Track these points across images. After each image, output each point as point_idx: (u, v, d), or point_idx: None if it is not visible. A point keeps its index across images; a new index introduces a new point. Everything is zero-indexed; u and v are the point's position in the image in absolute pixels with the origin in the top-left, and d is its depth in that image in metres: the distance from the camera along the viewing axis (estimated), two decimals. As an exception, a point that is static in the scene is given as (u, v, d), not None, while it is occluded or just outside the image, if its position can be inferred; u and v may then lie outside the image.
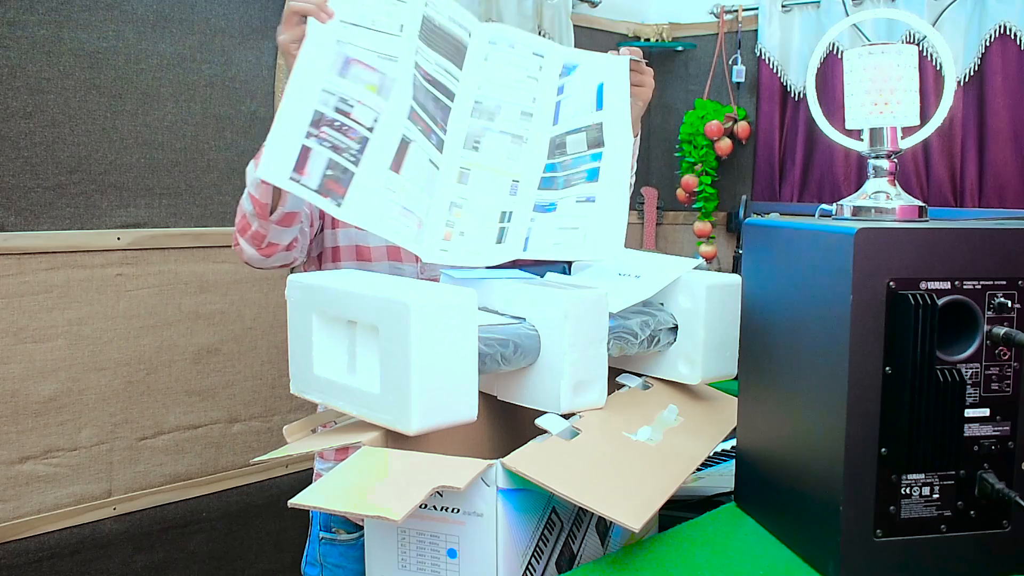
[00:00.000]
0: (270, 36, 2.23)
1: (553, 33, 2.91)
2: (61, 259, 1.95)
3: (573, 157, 1.18)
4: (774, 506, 0.97)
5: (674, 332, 1.17)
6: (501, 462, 0.87)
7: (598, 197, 1.13)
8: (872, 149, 0.98)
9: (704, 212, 3.16)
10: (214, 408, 2.22)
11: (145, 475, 2.11)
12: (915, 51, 0.97)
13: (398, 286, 0.94)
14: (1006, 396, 0.85)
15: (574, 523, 0.98)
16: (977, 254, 0.83)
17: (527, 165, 1.20)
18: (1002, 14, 2.55)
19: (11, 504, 1.91)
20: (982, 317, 0.83)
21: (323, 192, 1.01)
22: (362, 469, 0.86)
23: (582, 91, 1.24)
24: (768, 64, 2.99)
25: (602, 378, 1.04)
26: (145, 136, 2.05)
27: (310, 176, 1.01)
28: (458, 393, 0.91)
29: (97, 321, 2.01)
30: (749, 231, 1.01)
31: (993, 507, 0.85)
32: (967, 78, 2.63)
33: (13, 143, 1.87)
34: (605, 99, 1.21)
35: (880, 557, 0.83)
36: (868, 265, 0.81)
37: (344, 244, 1.43)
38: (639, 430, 1.03)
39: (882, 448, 0.82)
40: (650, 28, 3.24)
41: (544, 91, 1.25)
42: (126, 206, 2.04)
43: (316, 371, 0.99)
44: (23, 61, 1.86)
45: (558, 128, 1.22)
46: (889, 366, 0.81)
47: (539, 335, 1.02)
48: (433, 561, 0.90)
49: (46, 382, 1.94)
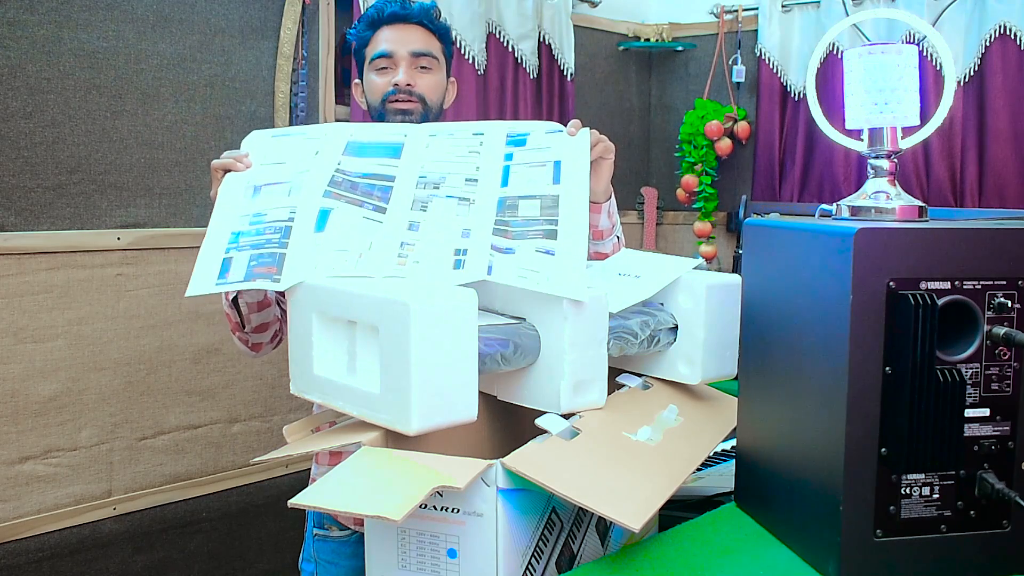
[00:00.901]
0: (270, 36, 2.23)
1: (553, 33, 2.91)
2: (61, 259, 1.95)
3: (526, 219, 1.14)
4: (774, 506, 0.97)
5: (674, 332, 1.17)
6: (501, 462, 0.87)
7: (557, 252, 1.08)
8: (872, 149, 0.98)
9: (704, 212, 3.16)
10: (214, 408, 2.22)
11: (145, 475, 2.11)
12: (915, 51, 0.97)
13: (398, 286, 0.94)
14: (1006, 396, 0.85)
15: (574, 523, 0.98)
16: (977, 254, 0.83)
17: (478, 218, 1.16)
18: (1002, 14, 2.55)
19: (11, 504, 1.91)
20: (982, 317, 0.83)
21: (254, 278, 1.04)
22: (362, 469, 0.86)
23: (536, 165, 1.21)
24: (768, 64, 2.99)
25: (602, 378, 1.04)
26: (145, 136, 2.05)
27: (236, 274, 1.06)
28: (458, 393, 0.91)
29: (97, 321, 2.01)
30: (749, 231, 1.01)
31: (993, 507, 0.85)
32: (967, 78, 2.63)
33: (13, 143, 1.87)
34: (563, 176, 1.18)
35: (880, 557, 0.83)
36: (868, 265, 0.81)
37: None
38: (639, 430, 1.03)
39: (882, 448, 0.82)
40: (650, 28, 3.24)
41: (488, 160, 1.23)
42: (126, 206, 2.04)
43: (316, 371, 0.99)
44: (23, 61, 1.86)
45: (509, 191, 1.19)
46: (889, 366, 0.81)
47: (539, 335, 1.02)
48: (433, 561, 0.90)
49: (46, 382, 1.94)
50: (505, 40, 2.79)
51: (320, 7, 2.33)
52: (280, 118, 2.25)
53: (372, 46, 1.52)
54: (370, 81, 1.53)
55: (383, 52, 1.50)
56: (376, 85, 1.51)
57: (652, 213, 3.27)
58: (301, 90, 2.29)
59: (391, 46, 1.50)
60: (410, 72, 1.50)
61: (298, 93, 2.29)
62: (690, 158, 3.12)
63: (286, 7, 2.24)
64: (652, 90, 3.34)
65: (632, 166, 3.31)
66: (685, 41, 3.21)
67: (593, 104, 3.15)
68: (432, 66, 1.52)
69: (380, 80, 1.51)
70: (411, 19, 1.52)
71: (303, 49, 2.29)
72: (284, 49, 2.25)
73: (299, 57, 2.28)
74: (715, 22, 3.14)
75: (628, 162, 3.29)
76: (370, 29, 1.53)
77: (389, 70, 1.50)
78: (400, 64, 1.50)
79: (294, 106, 2.28)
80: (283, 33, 2.25)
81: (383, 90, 1.50)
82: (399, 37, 1.51)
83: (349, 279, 1.00)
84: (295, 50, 2.27)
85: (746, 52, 3.09)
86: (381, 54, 1.50)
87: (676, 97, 3.28)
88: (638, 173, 3.34)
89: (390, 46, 1.50)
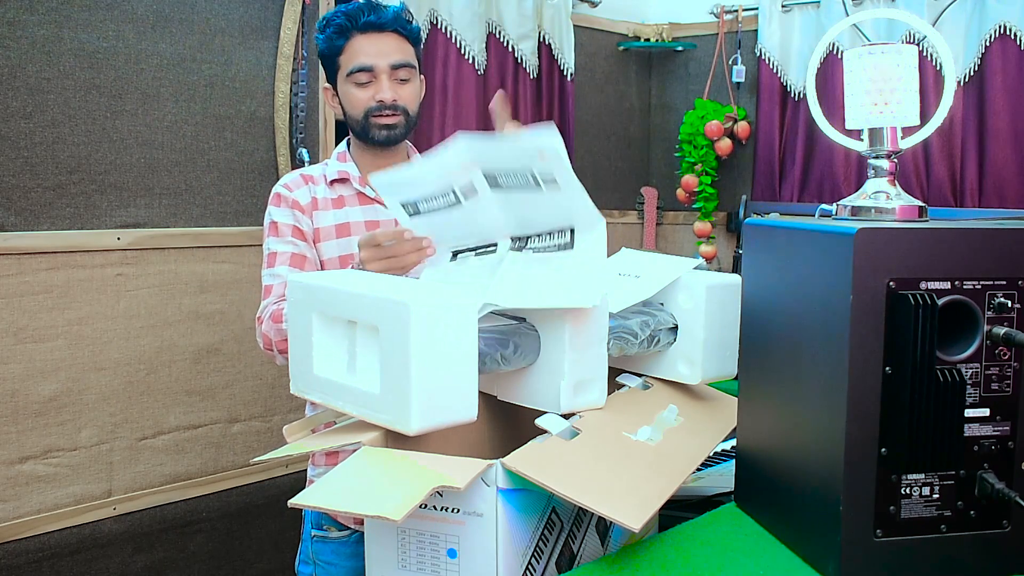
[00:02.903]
0: (270, 36, 2.23)
1: (553, 33, 2.91)
2: (61, 259, 1.95)
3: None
4: (774, 506, 0.97)
5: (674, 332, 1.17)
6: (501, 462, 0.87)
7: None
8: (872, 149, 0.98)
9: (704, 212, 3.16)
10: (214, 408, 2.22)
11: (145, 475, 2.11)
12: (915, 51, 0.97)
13: (398, 286, 0.94)
14: (1006, 396, 0.85)
15: (574, 523, 0.98)
16: (977, 254, 0.83)
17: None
18: (1002, 14, 2.55)
19: (11, 504, 1.91)
20: (982, 317, 0.83)
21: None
22: (362, 469, 0.86)
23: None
24: (768, 64, 2.99)
25: (602, 378, 1.04)
26: (145, 136, 2.05)
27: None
28: (458, 393, 0.91)
29: (97, 321, 2.01)
30: (749, 231, 1.01)
31: (993, 507, 0.85)
32: (967, 78, 2.63)
33: (13, 143, 1.87)
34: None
35: (880, 557, 0.83)
36: (868, 265, 0.81)
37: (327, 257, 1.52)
38: (639, 430, 1.03)
39: (882, 448, 0.82)
40: (650, 28, 3.24)
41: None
42: (126, 206, 2.04)
43: (316, 371, 0.99)
44: (23, 61, 1.86)
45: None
46: (889, 366, 0.81)
47: (539, 335, 1.02)
48: (433, 561, 0.90)
49: (46, 382, 1.94)
50: (505, 40, 2.79)
51: (320, 7, 2.32)
52: (280, 118, 2.25)
53: (348, 56, 1.49)
54: (350, 94, 1.51)
55: (364, 66, 1.48)
56: (357, 99, 1.50)
57: (652, 213, 3.27)
58: (301, 90, 2.29)
59: (370, 59, 1.48)
60: (392, 85, 1.49)
61: (298, 93, 2.29)
62: (690, 158, 3.12)
63: (286, 7, 2.24)
64: (652, 90, 3.34)
65: (632, 166, 3.31)
66: (685, 41, 3.21)
67: (593, 104, 3.15)
68: (411, 76, 1.52)
69: (362, 95, 1.50)
70: (386, 27, 1.49)
71: (303, 49, 2.29)
72: (284, 49, 2.25)
73: (299, 57, 2.28)
74: (715, 22, 3.14)
75: (628, 162, 3.30)
76: (341, 37, 1.49)
77: (370, 84, 1.49)
78: (380, 77, 1.49)
79: (294, 106, 2.28)
80: (283, 33, 2.25)
81: (365, 104, 1.49)
82: (376, 49, 1.48)
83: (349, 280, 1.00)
84: (295, 50, 2.27)
85: (746, 52, 3.08)
86: (361, 67, 1.48)
87: (676, 97, 3.28)
88: (638, 173, 3.34)
89: (369, 59, 1.48)
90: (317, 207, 1.51)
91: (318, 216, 1.51)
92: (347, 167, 1.55)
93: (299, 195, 1.51)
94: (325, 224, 1.51)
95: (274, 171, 2.24)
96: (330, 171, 1.55)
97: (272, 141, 2.26)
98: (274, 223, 1.50)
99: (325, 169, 1.56)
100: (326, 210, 1.51)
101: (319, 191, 1.52)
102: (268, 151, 2.26)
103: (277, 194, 1.52)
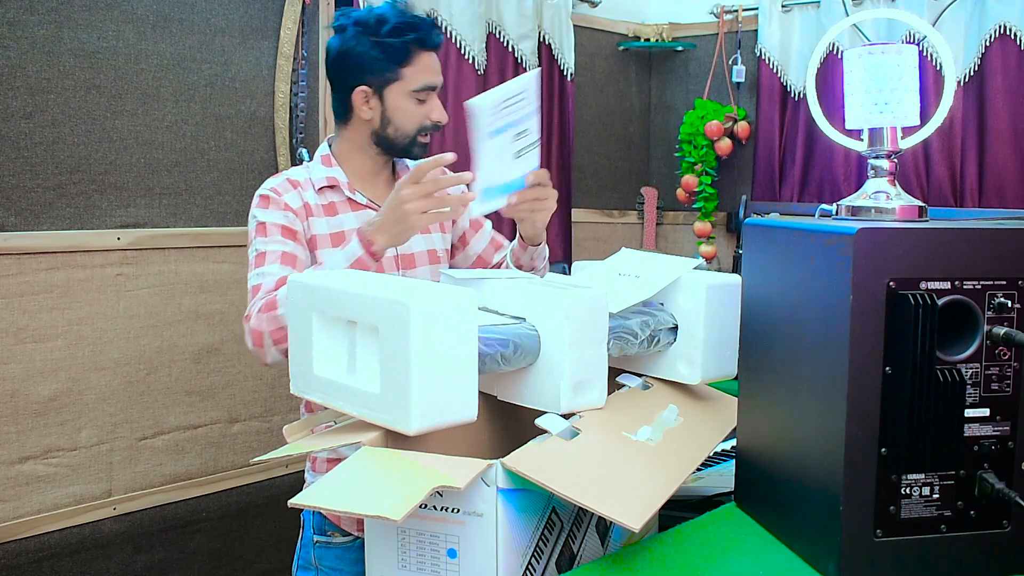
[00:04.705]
0: (270, 36, 2.23)
1: (553, 33, 2.91)
2: (61, 259, 1.95)
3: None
4: (774, 506, 0.97)
5: (674, 332, 1.17)
6: (501, 462, 0.87)
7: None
8: (872, 149, 0.98)
9: (704, 212, 3.16)
10: (214, 408, 2.22)
11: (145, 475, 2.11)
12: (915, 51, 0.97)
13: (398, 286, 0.94)
14: (1006, 396, 0.85)
15: (574, 523, 0.98)
16: (977, 254, 0.83)
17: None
18: (1002, 14, 2.55)
19: (11, 504, 1.91)
20: (982, 317, 0.83)
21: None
22: (362, 469, 0.86)
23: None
24: (768, 64, 2.99)
25: (602, 378, 1.04)
26: (145, 136, 2.05)
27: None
28: (458, 393, 0.91)
29: (97, 321, 2.01)
30: (749, 231, 1.01)
31: (993, 507, 0.85)
32: (967, 78, 2.63)
33: (13, 143, 1.86)
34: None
35: (880, 557, 0.83)
36: (868, 265, 0.81)
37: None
38: (639, 430, 1.03)
39: (882, 448, 0.82)
40: (650, 28, 3.24)
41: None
42: (126, 206, 2.04)
43: (316, 371, 0.99)
44: (23, 61, 1.86)
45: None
46: (889, 366, 0.81)
47: (539, 335, 1.02)
48: (433, 561, 0.90)
49: (46, 382, 1.94)
50: (505, 40, 2.79)
51: (320, 7, 2.32)
52: (280, 118, 2.25)
53: (416, 70, 1.46)
54: (408, 108, 1.48)
55: (431, 85, 1.48)
56: (414, 115, 1.48)
57: (652, 213, 3.27)
58: (301, 90, 2.29)
59: (435, 79, 1.48)
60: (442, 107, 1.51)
61: (298, 93, 2.29)
62: (690, 158, 3.12)
63: (286, 7, 2.24)
64: (652, 90, 3.34)
65: (632, 166, 3.31)
66: (685, 41, 3.21)
67: (593, 104, 3.15)
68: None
69: (419, 111, 1.48)
70: (440, 48, 1.51)
71: (303, 49, 2.29)
72: (284, 49, 2.25)
73: (299, 57, 2.28)
74: (715, 22, 3.14)
75: (628, 162, 3.30)
76: (408, 50, 1.45)
77: (427, 102, 1.49)
78: (434, 96, 1.49)
79: (294, 106, 2.28)
80: (283, 33, 2.25)
81: (420, 122, 1.49)
82: (436, 67, 1.49)
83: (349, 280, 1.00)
84: (295, 50, 2.27)
85: (746, 52, 3.08)
86: (430, 86, 1.48)
87: (676, 97, 3.28)
88: (638, 173, 3.33)
89: (435, 79, 1.48)
90: (311, 213, 1.47)
91: (312, 223, 1.47)
92: (334, 172, 1.50)
93: (289, 199, 1.46)
94: (320, 232, 1.47)
95: (274, 171, 2.23)
96: (316, 176, 1.50)
97: (272, 141, 2.26)
98: (261, 224, 1.44)
99: (310, 173, 1.51)
100: (319, 217, 1.47)
101: (308, 196, 1.48)
102: (268, 151, 2.26)
103: (264, 196, 1.46)
